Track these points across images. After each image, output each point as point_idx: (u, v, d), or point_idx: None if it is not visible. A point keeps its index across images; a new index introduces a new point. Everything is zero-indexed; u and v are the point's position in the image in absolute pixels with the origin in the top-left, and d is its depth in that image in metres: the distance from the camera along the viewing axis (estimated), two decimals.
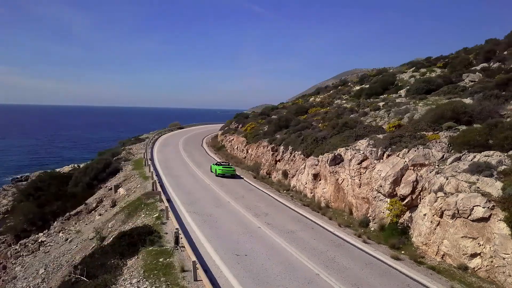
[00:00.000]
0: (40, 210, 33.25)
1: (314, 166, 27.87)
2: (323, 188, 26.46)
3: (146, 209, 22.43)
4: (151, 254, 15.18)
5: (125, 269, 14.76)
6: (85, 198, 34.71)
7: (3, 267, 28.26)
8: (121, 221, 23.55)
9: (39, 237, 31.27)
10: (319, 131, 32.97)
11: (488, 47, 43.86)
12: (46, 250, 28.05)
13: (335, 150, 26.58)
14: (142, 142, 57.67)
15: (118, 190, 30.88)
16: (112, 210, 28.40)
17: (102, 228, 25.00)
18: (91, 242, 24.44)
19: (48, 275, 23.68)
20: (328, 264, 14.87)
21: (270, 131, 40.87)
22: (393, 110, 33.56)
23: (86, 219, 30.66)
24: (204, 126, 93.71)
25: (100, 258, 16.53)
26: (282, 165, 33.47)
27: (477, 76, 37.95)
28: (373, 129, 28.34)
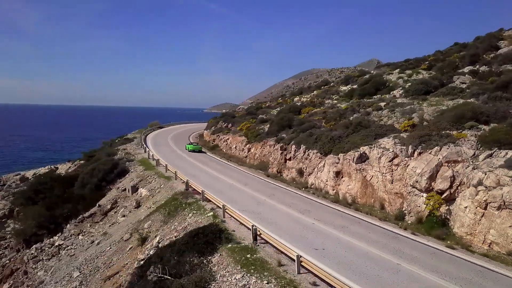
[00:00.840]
0: (50, 213, 32.41)
1: (335, 164, 29.09)
2: (348, 185, 27.71)
3: (190, 209, 22.74)
4: (235, 251, 15.73)
5: (213, 266, 15.24)
6: (95, 200, 34.20)
7: (24, 272, 27.54)
8: (160, 221, 23.75)
9: (55, 240, 30.58)
10: (330, 131, 34.19)
11: (472, 51, 46.85)
12: (71, 254, 27.61)
13: (357, 148, 27.91)
14: (131, 142, 56.91)
15: (138, 191, 30.74)
16: (138, 210, 28.40)
17: (136, 229, 25.05)
18: (127, 243, 24.55)
19: (86, 278, 23.56)
20: (400, 255, 16.02)
21: (273, 130, 41.73)
22: (398, 110, 35.40)
23: (107, 220, 30.35)
24: (181, 126, 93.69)
25: (173, 257, 16.84)
26: (296, 163, 34.46)
27: (467, 78, 40.65)
28: (389, 128, 29.95)
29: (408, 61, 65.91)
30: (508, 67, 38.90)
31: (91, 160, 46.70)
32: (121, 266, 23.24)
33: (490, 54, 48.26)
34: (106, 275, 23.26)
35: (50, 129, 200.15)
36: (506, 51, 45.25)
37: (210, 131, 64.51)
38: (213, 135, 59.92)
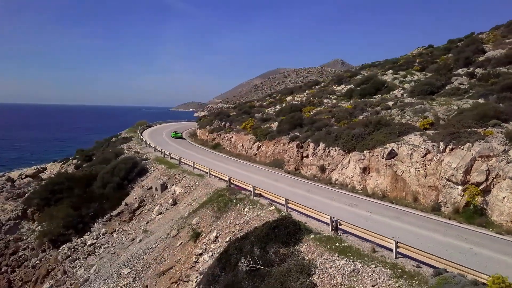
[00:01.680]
0: (77, 213, 32.30)
1: (361, 160, 30.77)
2: (376, 180, 29.41)
3: (243, 204, 23.66)
4: (322, 241, 16.93)
5: (305, 254, 16.36)
6: (119, 199, 34.36)
7: (64, 271, 27.51)
8: (211, 216, 24.53)
9: (87, 239, 30.66)
10: (348, 128, 35.80)
11: (466, 54, 49.87)
12: (111, 252, 27.89)
13: (383, 145, 29.69)
14: (131, 141, 56.74)
15: (170, 189, 31.23)
16: (176, 208, 29.00)
17: (183, 225, 25.74)
18: (176, 239, 25.23)
19: (138, 274, 24.11)
20: (465, 241, 17.74)
21: (284, 128, 42.98)
22: (408, 109, 37.49)
23: (140, 218, 30.69)
24: (167, 125, 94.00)
25: (256, 248, 17.82)
26: (316, 160, 35.90)
27: (465, 79, 43.50)
28: (409, 126, 31.92)
29: (393, 61, 68.99)
30: (503, 69, 41.97)
31: (97, 160, 46.34)
32: (174, 262, 23.92)
33: (479, 57, 51.62)
34: (159, 271, 23.88)
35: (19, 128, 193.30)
36: (497, 55, 48.55)
37: (206, 130, 64.96)
38: (211, 134, 60.41)
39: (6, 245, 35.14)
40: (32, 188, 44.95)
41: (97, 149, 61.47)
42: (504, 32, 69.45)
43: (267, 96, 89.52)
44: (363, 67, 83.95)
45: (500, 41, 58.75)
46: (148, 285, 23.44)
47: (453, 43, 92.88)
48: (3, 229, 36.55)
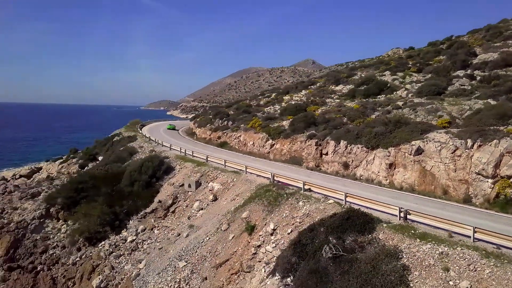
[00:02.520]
0: (111, 211, 32.83)
1: (387, 157, 32.80)
2: (404, 175, 31.49)
3: (296, 198, 25.09)
4: (396, 229, 18.65)
5: (385, 241, 18.02)
6: (149, 196, 35.05)
7: (111, 267, 28.16)
8: (262, 210, 25.85)
9: (127, 236, 31.35)
10: (368, 127, 37.79)
11: (462, 57, 53.00)
12: (158, 247, 28.73)
13: (407, 142, 31.81)
14: (137, 140, 57.00)
15: (207, 186, 32.26)
16: (217, 203, 30.15)
17: (232, 220, 26.97)
18: (227, 233, 26.48)
19: (195, 266, 25.22)
20: None
21: (299, 127, 44.54)
22: (419, 109, 39.95)
23: (180, 215, 31.60)
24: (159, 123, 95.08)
25: (332, 237, 19.34)
26: (338, 157, 37.67)
27: (466, 81, 46.49)
28: (429, 125, 34.23)
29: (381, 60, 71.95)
30: (501, 72, 45.12)
31: (111, 159, 46.55)
32: (230, 254, 25.11)
33: (472, 60, 55.00)
34: (216, 263, 25.02)
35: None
36: (490, 58, 51.97)
37: (207, 129, 65.89)
38: (215, 132, 61.34)
39: (35, 244, 35.13)
40: (46, 187, 44.61)
41: (99, 148, 61.20)
42: (487, 36, 73.62)
43: (260, 95, 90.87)
44: (349, 66, 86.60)
45: (488, 45, 62.49)
46: (207, 277, 24.55)
47: (435, 45, 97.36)
48: (29, 228, 36.41)
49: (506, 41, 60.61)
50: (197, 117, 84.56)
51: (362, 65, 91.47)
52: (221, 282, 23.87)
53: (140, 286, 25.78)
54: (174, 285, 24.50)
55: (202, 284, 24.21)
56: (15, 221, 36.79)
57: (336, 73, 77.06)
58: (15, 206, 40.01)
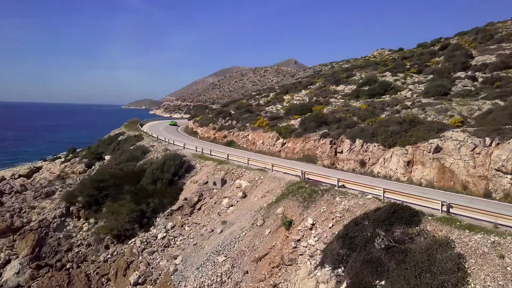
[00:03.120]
0: (139, 208, 33.36)
1: (404, 155, 34.29)
2: (422, 171, 33.02)
3: (332, 194, 26.21)
4: (442, 221, 19.95)
5: (434, 232, 19.31)
6: (174, 194, 35.70)
7: (147, 263, 28.77)
8: (298, 206, 26.92)
9: (156, 233, 31.94)
10: (382, 126, 39.24)
11: (462, 59, 55.15)
12: (193, 243, 29.48)
13: (425, 141, 33.35)
14: (144, 140, 57.30)
15: (235, 183, 33.09)
16: (247, 200, 31.10)
17: (267, 215, 27.96)
18: (263, 228, 27.47)
19: (235, 261, 26.14)
20: None
21: (311, 126, 45.73)
22: (429, 109, 41.66)
23: (209, 211, 32.38)
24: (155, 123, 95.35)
25: (379, 229, 20.54)
26: (354, 155, 39.01)
27: (468, 82, 48.55)
28: (443, 124, 35.87)
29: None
30: (502, 73, 47.34)
31: (124, 158, 46.84)
32: (268, 248, 26.10)
33: (470, 62, 57.26)
34: (255, 257, 25.98)
35: None
36: (487, 60, 54.29)
37: (210, 128, 66.54)
38: (220, 131, 62.03)
39: (59, 242, 35.33)
40: (59, 187, 44.59)
41: (104, 148, 61.16)
42: (479, 39, 76.38)
43: (257, 94, 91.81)
44: (333, 66, 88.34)
45: (482, 47, 65.03)
46: (248, 270, 25.46)
47: (426, 47, 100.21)
48: (51, 227, 36.50)
49: (500, 43, 63.21)
50: (196, 116, 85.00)
51: (356, 65, 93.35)
52: (262, 275, 24.83)
53: (179, 281, 26.46)
54: (216, 279, 25.30)
55: (244, 277, 25.10)
56: (37, 220, 36.84)
57: (335, 74, 78.56)
58: (33, 205, 40.00)
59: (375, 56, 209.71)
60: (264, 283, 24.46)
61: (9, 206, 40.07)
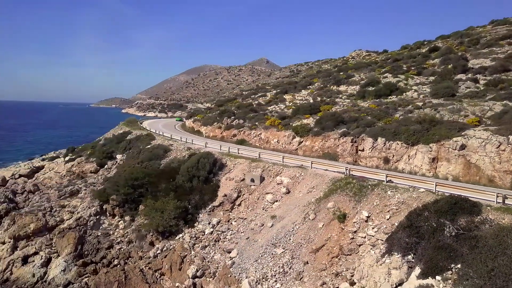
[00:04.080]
0: (183, 205, 34.35)
1: (429, 152, 36.83)
2: (448, 167, 35.60)
3: (382, 189, 28.19)
4: (502, 210, 22.32)
5: (498, 220, 21.60)
6: (211, 191, 36.83)
7: (202, 258, 29.91)
8: (349, 201, 28.83)
9: (204, 228, 33.04)
10: (402, 126, 41.70)
11: (462, 62, 58.60)
12: (245, 237, 30.86)
13: (448, 139, 35.99)
14: (156, 140, 57.78)
15: (277, 179, 34.59)
16: (292, 195, 32.79)
17: (318, 210, 29.71)
18: (316, 221, 29.25)
19: (294, 252, 27.86)
20: None
21: (328, 125, 47.73)
22: (441, 109, 44.48)
23: (253, 206, 33.76)
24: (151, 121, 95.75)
25: (444, 219, 22.67)
26: (377, 153, 41.25)
27: (471, 84, 51.88)
28: (462, 123, 38.66)
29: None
30: (503, 76, 50.91)
31: (145, 156, 47.40)
32: (324, 240, 27.85)
33: (467, 64, 60.89)
34: (312, 249, 27.67)
35: None
36: (482, 64, 58.03)
37: (216, 127, 67.60)
38: (228, 130, 63.15)
39: (98, 240, 35.80)
40: (82, 186, 44.67)
41: (113, 147, 61.05)
42: (466, 43, 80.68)
43: (252, 94, 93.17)
44: (309, 66, 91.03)
45: (474, 51, 69.07)
46: (307, 261, 27.12)
47: (412, 49, 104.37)
48: (88, 225, 36.85)
49: (491, 48, 67.32)
50: (193, 115, 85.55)
51: (350, 66, 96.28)
52: (323, 265, 26.55)
53: (239, 273, 27.81)
54: (279, 269, 26.84)
55: (305, 267, 26.74)
56: (73, 219, 37.09)
57: (332, 74, 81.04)
58: (62, 204, 40.08)
59: (353, 57, 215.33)
60: (326, 272, 26.19)
61: (39, 206, 39.95)
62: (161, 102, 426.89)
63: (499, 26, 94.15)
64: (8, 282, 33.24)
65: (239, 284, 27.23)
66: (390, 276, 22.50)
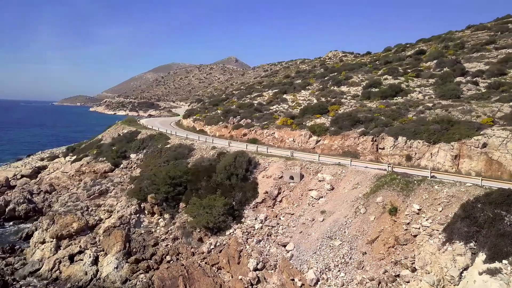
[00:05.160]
0: (230, 202, 35.68)
1: (451, 150, 39.87)
2: (470, 164, 38.70)
3: (429, 184, 30.68)
4: None
5: None
6: (254, 188, 38.31)
7: (260, 251, 31.44)
8: (397, 195, 31.15)
9: (253, 224, 34.54)
10: (420, 125, 44.60)
11: (461, 66, 62.55)
12: (298, 231, 32.69)
13: (468, 138, 39.13)
14: (169, 139, 58.42)
15: (318, 176, 36.50)
16: (337, 191, 34.86)
17: (367, 204, 31.88)
18: (367, 215, 31.29)
19: (351, 244, 30.03)
20: None
21: (346, 125, 50.12)
22: (452, 110, 47.79)
23: (299, 202, 35.51)
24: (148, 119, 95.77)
25: (496, 210, 25.35)
26: (398, 151, 43.93)
27: (471, 86, 55.72)
28: (478, 123, 41.97)
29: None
30: (502, 79, 54.98)
31: (170, 155, 48.18)
32: (378, 232, 30.08)
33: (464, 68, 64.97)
34: (367, 240, 29.85)
35: None
36: (477, 67, 62.25)
37: (222, 126, 68.85)
38: (237, 130, 64.45)
39: (143, 237, 36.51)
40: (110, 185, 44.86)
41: (125, 146, 61.04)
42: (451, 47, 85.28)
43: (247, 94, 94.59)
44: (282, 65, 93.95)
45: (464, 55, 73.57)
46: (365, 251, 29.25)
47: (397, 51, 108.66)
48: (131, 223, 37.41)
49: (480, 52, 71.97)
50: (192, 115, 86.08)
51: (339, 68, 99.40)
52: (381, 255, 28.75)
53: (300, 264, 29.60)
54: (340, 260, 28.84)
55: (364, 257, 28.85)
56: (116, 217, 37.55)
57: (332, 75, 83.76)
58: (98, 203, 40.36)
59: (330, 58, 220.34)
60: (385, 261, 28.39)
61: (75, 205, 39.96)
62: (131, 100, 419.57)
63: (478, 31, 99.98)
64: (59, 280, 33.51)
65: (302, 274, 29.01)
66: (456, 262, 24.92)
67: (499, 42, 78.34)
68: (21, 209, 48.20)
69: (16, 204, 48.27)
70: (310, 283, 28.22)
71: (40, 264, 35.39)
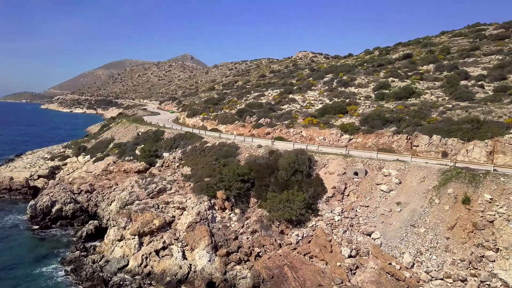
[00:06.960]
0: (304, 197, 38.35)
1: (485, 146, 44.94)
2: (504, 159, 43.89)
3: (494, 177, 35.02)
4: None
5: None
6: (321, 184, 41.15)
7: (349, 240, 34.46)
8: (466, 187, 35.27)
9: (333, 216, 37.41)
10: (450, 124, 49.42)
11: (464, 71, 68.67)
12: (379, 221, 36.00)
13: (501, 136, 44.36)
14: (205, 138, 59.65)
15: (385, 171, 39.94)
16: (405, 184, 38.58)
17: (440, 195, 35.85)
18: (441, 205, 35.24)
19: (434, 230, 33.97)
20: None
21: (378, 124, 54.14)
22: (472, 110, 53.21)
23: (369, 195, 38.76)
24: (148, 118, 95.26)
25: None
26: (433, 147, 48.42)
27: (478, 89, 61.78)
28: (503, 123, 47.40)
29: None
30: (505, 83, 61.41)
31: (219, 154, 49.81)
32: (454, 219, 34.08)
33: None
34: (447, 226, 33.78)
35: None
36: (477, 72, 68.76)
37: (239, 125, 70.92)
38: (258, 128, 66.67)
39: (223, 232, 38.22)
40: (166, 183, 45.76)
41: (154, 145, 61.41)
42: (439, 52, 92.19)
43: (246, 93, 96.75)
44: (247, 64, 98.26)
45: (458, 60, 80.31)
46: (448, 236, 33.12)
47: (381, 54, 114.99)
48: (209, 219, 38.89)
49: (471, 58, 78.97)
50: (196, 114, 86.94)
51: (326, 69, 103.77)
52: (463, 239, 32.72)
53: (390, 250, 33.01)
54: (429, 244, 32.51)
55: (448, 242, 32.70)
56: (193, 214, 38.89)
57: (338, 76, 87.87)
58: (166, 201, 41.36)
59: (301, 58, 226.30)
60: (468, 244, 32.38)
61: (145, 203, 40.64)
62: (87, 98, 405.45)
63: (456, 37, 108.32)
64: (153, 275, 34.55)
65: (395, 259, 32.39)
66: None
67: (482, 49, 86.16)
68: (68, 209, 47.75)
69: (63, 204, 47.74)
70: (407, 266, 31.67)
71: (125, 260, 36.15)
